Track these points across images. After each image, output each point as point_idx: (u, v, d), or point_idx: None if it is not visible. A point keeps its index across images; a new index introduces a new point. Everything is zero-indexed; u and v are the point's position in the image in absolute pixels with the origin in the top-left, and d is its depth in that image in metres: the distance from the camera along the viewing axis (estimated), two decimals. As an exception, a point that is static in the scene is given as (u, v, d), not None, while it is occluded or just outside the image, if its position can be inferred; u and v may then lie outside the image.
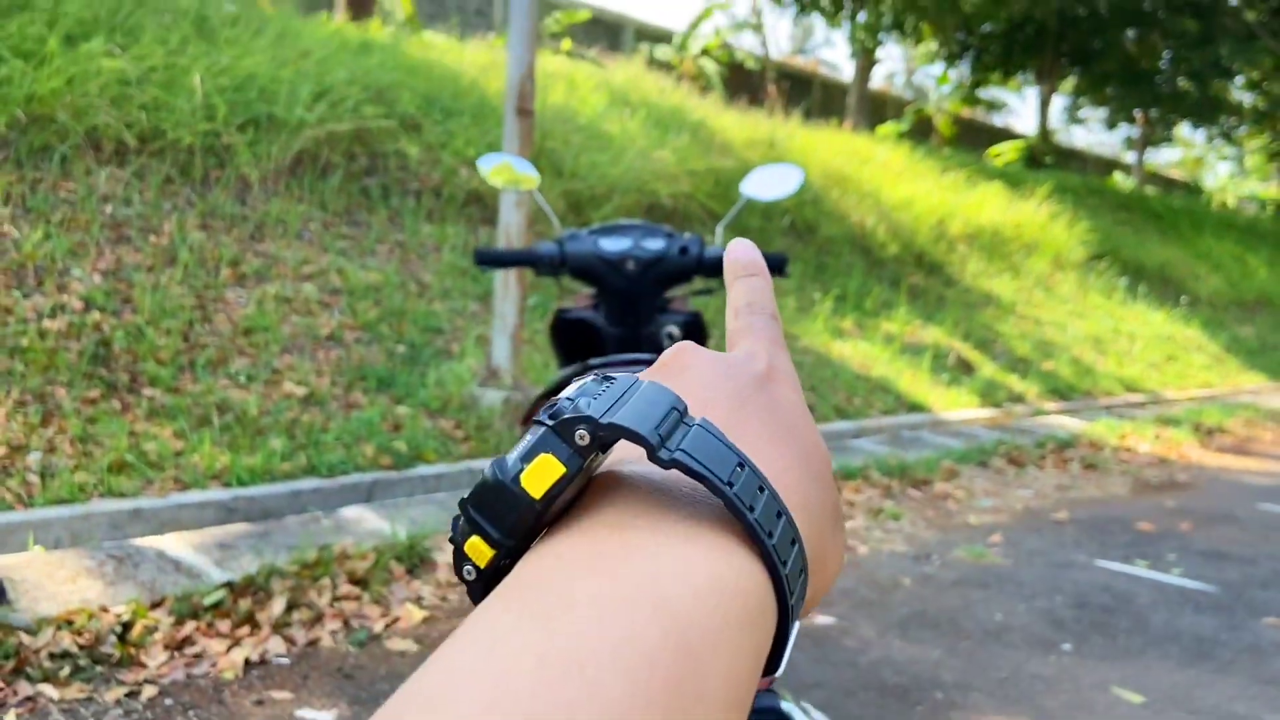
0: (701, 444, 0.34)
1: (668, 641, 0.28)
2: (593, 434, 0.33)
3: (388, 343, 5.57)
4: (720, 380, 0.40)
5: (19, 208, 5.05)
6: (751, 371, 0.41)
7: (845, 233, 10.65)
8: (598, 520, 0.33)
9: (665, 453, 0.33)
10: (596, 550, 0.32)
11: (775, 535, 0.34)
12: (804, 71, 22.78)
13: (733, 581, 0.32)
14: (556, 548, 0.32)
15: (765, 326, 0.45)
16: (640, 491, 0.35)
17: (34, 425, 3.92)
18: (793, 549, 0.35)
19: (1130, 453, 7.45)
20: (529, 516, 0.33)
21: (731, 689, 0.30)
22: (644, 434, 0.33)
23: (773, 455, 0.38)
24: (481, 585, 0.34)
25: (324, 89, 6.88)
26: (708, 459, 0.33)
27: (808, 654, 3.20)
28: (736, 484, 0.34)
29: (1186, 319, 13.87)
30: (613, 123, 9.30)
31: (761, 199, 2.27)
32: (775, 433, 0.39)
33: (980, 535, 4.82)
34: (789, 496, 0.37)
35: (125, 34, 6.20)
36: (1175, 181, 32.38)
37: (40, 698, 2.49)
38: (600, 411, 0.34)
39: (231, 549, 3.49)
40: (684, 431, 0.34)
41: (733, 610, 0.31)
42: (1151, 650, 3.46)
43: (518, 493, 0.33)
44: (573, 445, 0.33)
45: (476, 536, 0.34)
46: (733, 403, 0.39)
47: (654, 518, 0.33)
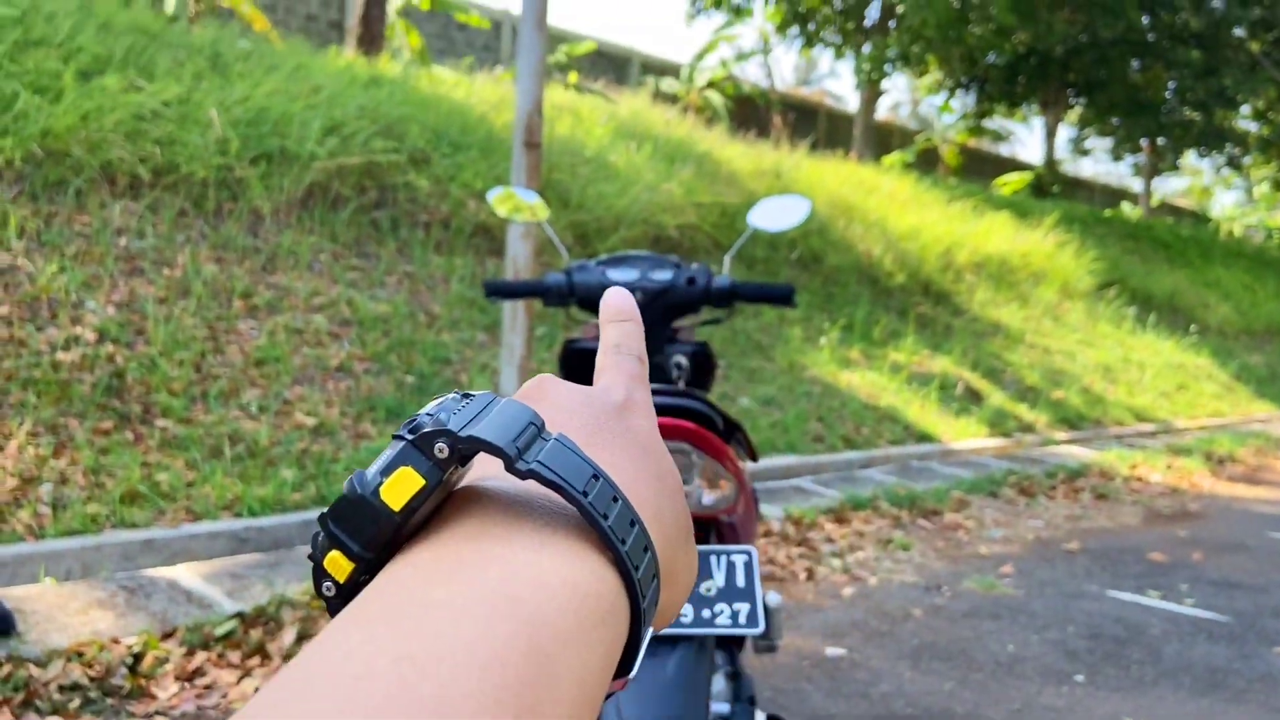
0: (558, 456, 0.35)
1: (519, 640, 0.29)
2: (452, 447, 0.34)
3: (397, 373, 5.60)
4: (578, 406, 0.42)
5: (34, 241, 5.10)
6: (609, 400, 0.43)
7: (852, 262, 10.68)
8: (455, 531, 0.34)
9: (523, 464, 0.34)
10: (452, 559, 0.32)
11: (628, 542, 0.35)
12: (809, 102, 22.93)
13: (585, 584, 0.33)
14: (414, 559, 0.33)
15: (628, 364, 0.46)
16: (497, 503, 0.36)
17: (46, 457, 3.94)
18: (645, 555, 0.36)
19: (1141, 482, 7.42)
20: (388, 529, 0.34)
21: (583, 686, 0.30)
22: (502, 445, 0.34)
23: (627, 471, 0.39)
24: (341, 600, 0.35)
25: (335, 123, 6.96)
26: (563, 470, 0.35)
27: (819, 686, 3.18)
28: (591, 493, 0.35)
29: (1196, 347, 13.85)
30: (619, 155, 9.36)
31: (769, 230, 2.28)
32: (631, 454, 0.40)
33: (991, 566, 4.80)
34: (642, 509, 0.38)
35: (140, 70, 6.28)
36: (1183, 210, 32.42)
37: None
38: (459, 425, 0.34)
39: (243, 579, 3.49)
40: (541, 445, 0.35)
41: (584, 611, 0.32)
42: (1164, 681, 3.43)
43: (377, 506, 0.33)
44: (432, 458, 0.34)
45: (336, 551, 0.34)
46: (590, 426, 0.41)
47: (510, 526, 0.34)
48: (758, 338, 8.49)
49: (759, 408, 7.11)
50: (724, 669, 1.87)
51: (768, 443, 6.59)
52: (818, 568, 4.49)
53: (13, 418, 4.07)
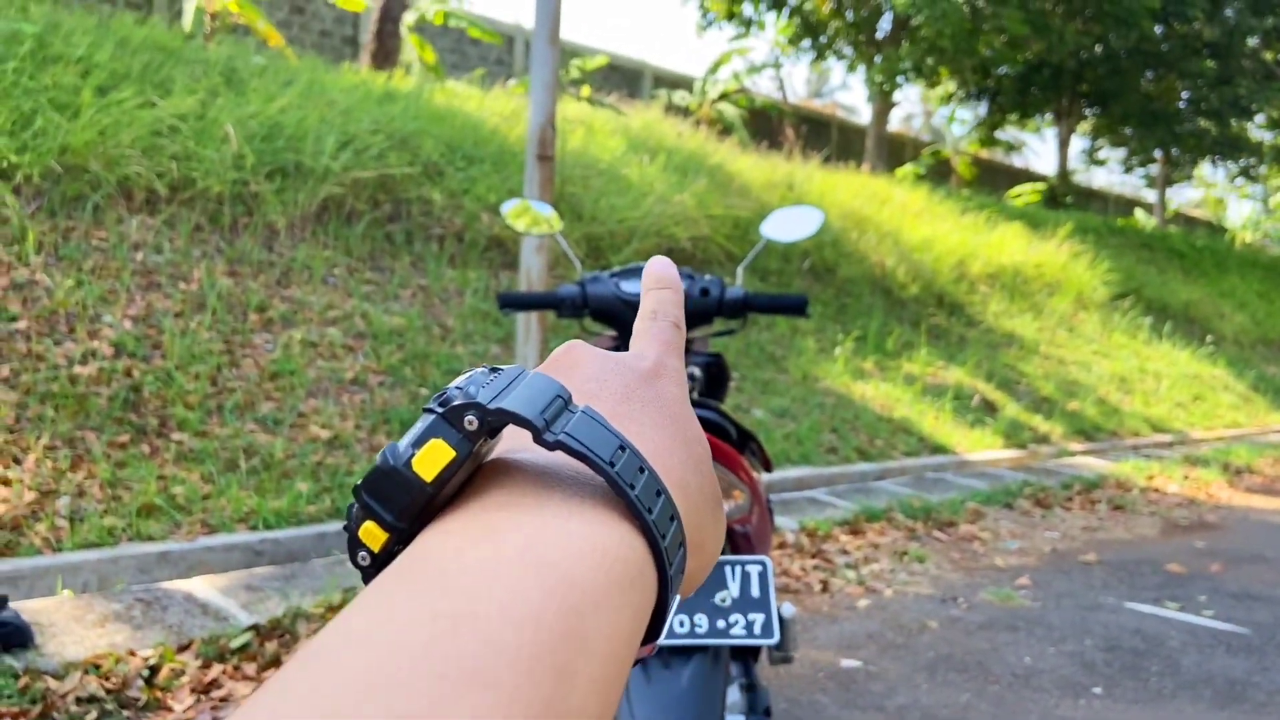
0: (585, 428, 0.36)
1: (552, 600, 0.30)
2: (481, 419, 0.35)
3: (411, 386, 5.61)
4: (607, 375, 0.42)
5: (52, 256, 5.14)
6: (639, 368, 0.43)
7: (865, 274, 10.67)
8: (486, 501, 0.35)
9: (550, 435, 0.35)
10: (484, 526, 0.33)
11: (655, 511, 0.36)
12: (822, 115, 22.95)
13: (613, 549, 0.33)
14: (446, 526, 0.34)
15: (663, 331, 0.47)
16: (527, 473, 0.36)
17: (64, 470, 3.96)
18: (671, 524, 0.37)
19: (1158, 493, 7.38)
20: (421, 500, 0.35)
21: (613, 646, 0.31)
22: (530, 418, 0.35)
23: (655, 441, 0.40)
24: (376, 570, 0.36)
25: (349, 137, 7.00)
26: (591, 441, 0.35)
27: (834, 698, 3.17)
28: (618, 464, 0.35)
29: (1212, 358, 13.78)
30: (631, 167, 9.38)
31: (782, 240, 2.29)
32: (658, 421, 0.41)
33: (1007, 577, 4.77)
34: (668, 477, 0.38)
35: (156, 86, 6.34)
36: (1198, 220, 32.28)
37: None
38: (488, 398, 0.35)
39: (258, 592, 3.50)
40: (568, 417, 0.36)
41: (614, 573, 0.33)
42: (1183, 693, 3.40)
43: (410, 477, 0.34)
44: (462, 430, 0.35)
45: (370, 522, 0.35)
46: (618, 395, 0.41)
47: (539, 496, 0.35)
48: (771, 349, 8.49)
49: (772, 419, 7.10)
50: (739, 680, 1.86)
51: (782, 454, 6.58)
52: (832, 580, 4.48)
53: (30, 431, 4.10)
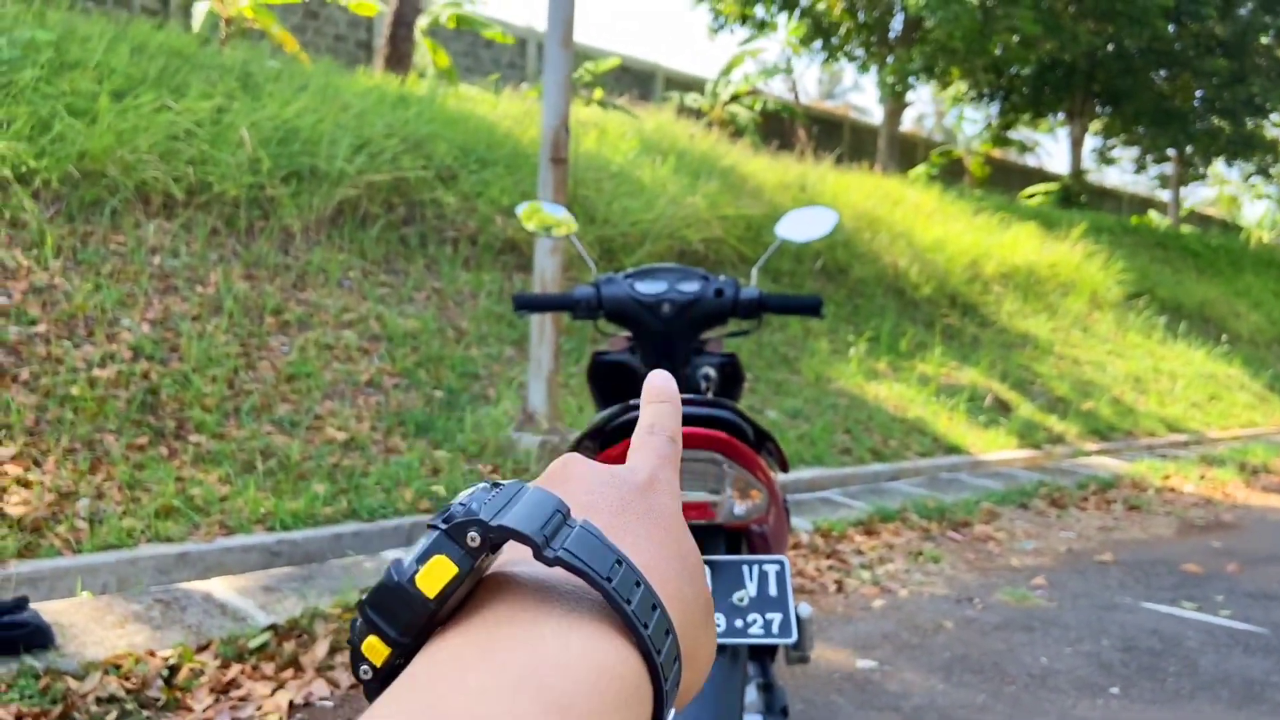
0: (583, 543, 0.37)
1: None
2: (483, 536, 0.36)
3: (426, 388, 5.64)
4: (603, 488, 0.43)
5: (70, 260, 5.18)
6: (633, 482, 0.44)
7: (878, 274, 10.66)
8: (487, 617, 0.36)
9: (550, 552, 0.36)
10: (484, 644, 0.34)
11: (650, 625, 0.37)
12: (834, 116, 22.93)
13: (611, 666, 0.34)
14: (447, 644, 0.35)
15: (660, 445, 0.48)
16: (526, 589, 0.37)
17: (83, 472, 4.00)
18: (667, 639, 0.37)
19: (1174, 493, 7.35)
20: (423, 615, 0.35)
21: None
22: (530, 534, 0.36)
23: (649, 554, 0.40)
24: (378, 684, 0.36)
25: (363, 141, 7.03)
26: (588, 557, 0.36)
27: (850, 699, 3.17)
28: (615, 579, 0.36)
29: (1228, 357, 13.71)
30: (644, 170, 9.40)
31: (797, 241, 2.29)
32: (652, 535, 0.42)
33: (1023, 578, 4.76)
34: (663, 590, 0.39)
35: (172, 91, 6.38)
36: (1212, 219, 32.12)
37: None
38: (490, 515, 0.36)
39: (276, 592, 3.52)
40: (567, 532, 0.37)
41: (610, 692, 0.33)
42: (1201, 693, 3.39)
43: (413, 593, 0.35)
44: (465, 547, 0.36)
45: (374, 636, 0.36)
46: (614, 508, 0.42)
47: (537, 611, 0.36)
48: (784, 350, 8.49)
49: (786, 420, 7.10)
50: (756, 680, 1.87)
51: (795, 455, 6.58)
52: (847, 580, 4.48)
53: (50, 434, 4.13)
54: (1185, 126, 20.48)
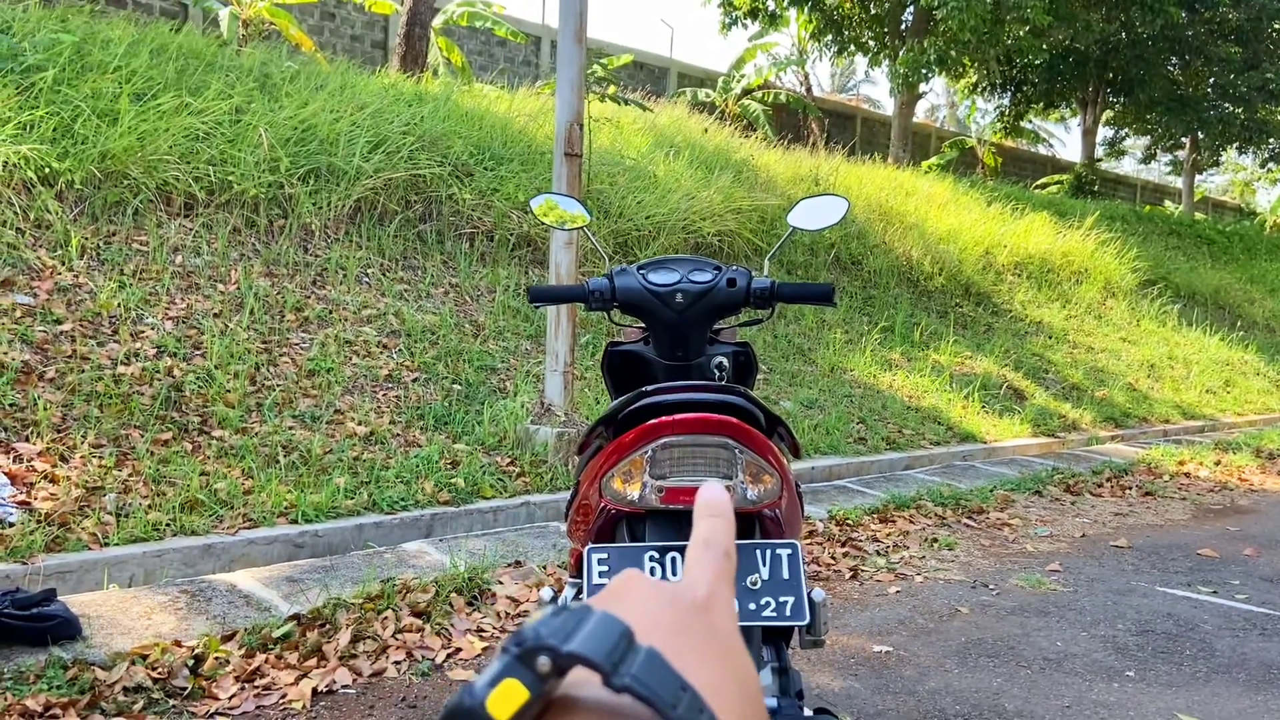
0: (649, 670, 0.37)
1: None
2: (554, 661, 0.37)
3: (445, 382, 5.70)
4: (664, 608, 0.44)
5: (94, 260, 5.26)
6: (692, 600, 0.45)
7: (891, 265, 10.66)
8: None
9: (618, 679, 0.37)
10: None
11: None
12: (847, 108, 22.88)
13: None
14: None
15: (715, 561, 0.49)
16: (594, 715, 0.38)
17: (109, 467, 4.07)
18: None
19: (1189, 479, 7.35)
20: None
21: None
22: (599, 662, 0.37)
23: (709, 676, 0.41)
24: None
25: (380, 139, 7.10)
26: (655, 684, 0.37)
27: (866, 684, 3.21)
28: (680, 706, 0.37)
29: (1242, 343, 13.66)
30: (658, 164, 9.43)
31: (808, 229, 2.31)
32: (712, 657, 0.43)
33: (1038, 563, 4.79)
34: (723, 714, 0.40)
35: (192, 92, 6.45)
36: (1226, 206, 31.90)
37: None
38: (560, 640, 0.38)
39: (299, 583, 3.58)
40: (633, 658, 0.38)
41: None
42: (1218, 677, 3.41)
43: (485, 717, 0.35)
44: (535, 671, 0.37)
45: None
46: (674, 628, 0.43)
47: None
48: (799, 341, 8.52)
49: (801, 410, 7.14)
50: (771, 664, 1.89)
51: (810, 445, 6.61)
52: (862, 567, 4.51)
53: (77, 430, 4.21)
54: (1199, 113, 20.37)
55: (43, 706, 2.57)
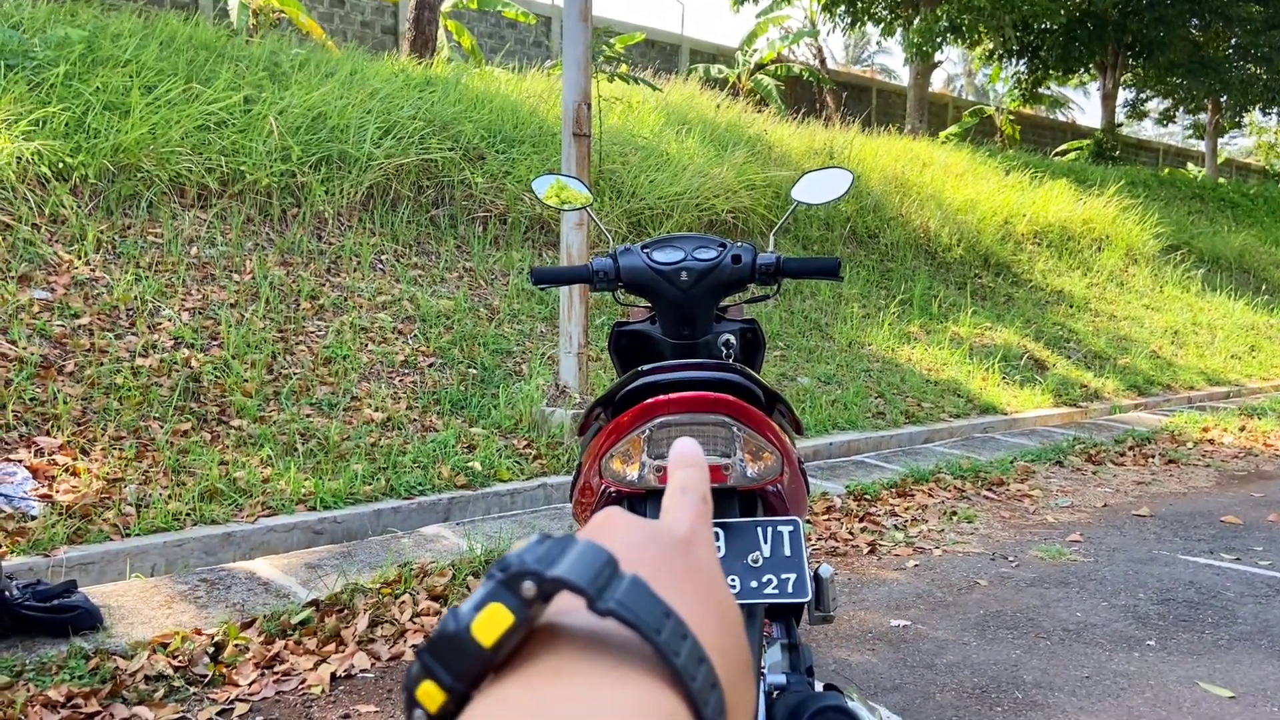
0: (633, 596, 0.38)
1: None
2: (538, 586, 0.37)
3: (460, 366, 5.71)
4: (646, 542, 0.45)
5: (110, 253, 5.30)
6: (673, 536, 0.46)
7: (908, 237, 10.59)
8: (541, 667, 0.37)
9: (602, 603, 0.37)
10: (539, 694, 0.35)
11: (698, 679, 0.38)
12: (861, 79, 22.69)
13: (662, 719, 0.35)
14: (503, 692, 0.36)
15: (692, 505, 0.49)
16: (579, 640, 0.38)
17: (129, 459, 4.11)
18: (713, 692, 0.38)
19: (1213, 445, 7.28)
20: (479, 663, 0.37)
21: None
22: (584, 586, 0.37)
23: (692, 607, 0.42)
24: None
25: (390, 125, 7.10)
26: (639, 609, 0.38)
27: (884, 658, 3.20)
28: (664, 631, 0.38)
29: (1268, 307, 13.50)
30: (670, 142, 9.39)
31: (812, 203, 2.29)
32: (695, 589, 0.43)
33: (1058, 534, 4.76)
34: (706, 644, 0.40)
35: (202, 82, 6.47)
36: (1250, 168, 31.49)
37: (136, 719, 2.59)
38: (545, 565, 0.38)
39: (317, 569, 3.61)
40: (617, 584, 0.38)
41: None
42: (1240, 644, 3.39)
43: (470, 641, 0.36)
44: (520, 596, 0.37)
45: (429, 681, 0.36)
46: (657, 561, 0.43)
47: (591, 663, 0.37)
48: (815, 316, 8.48)
49: (819, 386, 7.12)
50: (780, 641, 1.88)
51: (828, 420, 6.59)
52: (880, 541, 4.50)
53: (97, 423, 4.25)
54: (1220, 75, 20.08)
55: (65, 696, 2.60)
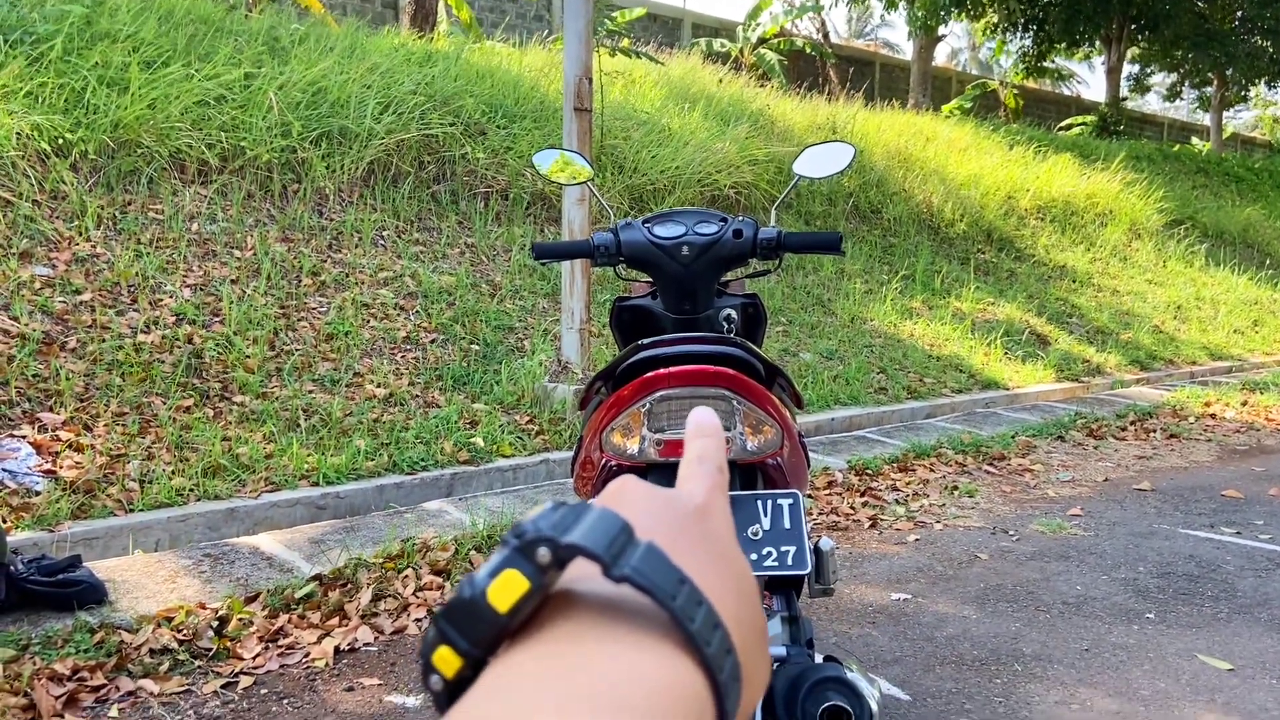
0: (648, 562, 0.38)
1: None
2: (553, 552, 0.37)
3: (462, 343, 5.72)
4: (661, 510, 0.44)
5: (111, 229, 5.29)
6: (689, 505, 0.46)
7: (911, 213, 10.56)
8: (557, 633, 0.37)
9: (617, 570, 0.37)
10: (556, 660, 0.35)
11: (713, 645, 0.38)
12: (865, 54, 22.56)
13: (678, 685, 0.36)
14: (518, 658, 0.36)
15: (709, 474, 0.49)
16: (594, 606, 0.38)
17: (133, 435, 4.12)
18: (728, 658, 0.39)
19: (1215, 420, 7.29)
20: (495, 629, 0.36)
21: None
22: (599, 552, 0.37)
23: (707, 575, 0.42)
24: (447, 695, 0.37)
25: (390, 100, 7.06)
26: (654, 575, 0.37)
27: (884, 630, 3.22)
28: (679, 598, 0.38)
29: (1271, 282, 13.47)
30: (672, 117, 9.35)
31: (814, 178, 2.28)
32: (710, 557, 0.43)
33: (1059, 508, 4.77)
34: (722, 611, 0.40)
35: (201, 58, 6.44)
36: (1256, 142, 31.33)
37: (141, 692, 2.61)
38: (560, 532, 0.38)
39: (321, 544, 3.63)
40: (632, 551, 0.38)
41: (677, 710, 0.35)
42: (1239, 617, 3.40)
43: (486, 607, 0.36)
44: (535, 563, 0.37)
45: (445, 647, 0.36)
46: (673, 529, 0.43)
47: (606, 629, 0.37)
48: (818, 292, 8.47)
49: (821, 361, 7.12)
50: (781, 614, 1.89)
51: (830, 396, 6.60)
52: (882, 516, 4.52)
53: (99, 399, 4.26)
54: (1226, 48, 19.94)
55: (70, 669, 2.62)
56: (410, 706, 2.64)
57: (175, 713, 2.55)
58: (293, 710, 2.59)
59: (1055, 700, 2.73)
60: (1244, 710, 2.68)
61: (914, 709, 2.67)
